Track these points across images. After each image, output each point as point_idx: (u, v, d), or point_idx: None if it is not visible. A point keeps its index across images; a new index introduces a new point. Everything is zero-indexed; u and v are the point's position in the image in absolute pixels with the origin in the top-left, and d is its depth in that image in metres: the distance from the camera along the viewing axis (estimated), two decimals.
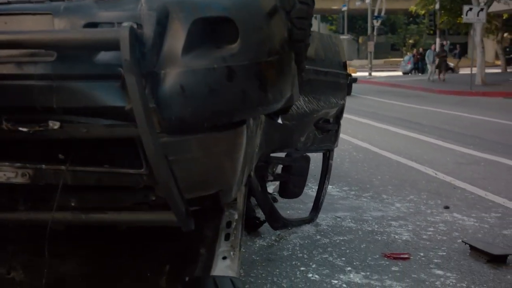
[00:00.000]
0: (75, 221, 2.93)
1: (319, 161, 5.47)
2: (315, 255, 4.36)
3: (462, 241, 4.58)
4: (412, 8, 34.82)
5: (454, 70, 36.07)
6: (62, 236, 3.61)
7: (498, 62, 39.19)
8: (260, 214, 4.77)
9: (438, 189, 6.58)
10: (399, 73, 39.18)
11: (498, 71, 34.21)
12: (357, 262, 4.22)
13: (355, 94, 21.17)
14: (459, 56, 39.83)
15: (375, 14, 40.82)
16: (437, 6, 31.77)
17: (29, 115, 2.52)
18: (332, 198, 6.13)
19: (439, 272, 4.04)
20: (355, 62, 48.15)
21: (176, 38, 2.52)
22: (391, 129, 11.97)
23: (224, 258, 3.29)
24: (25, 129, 2.52)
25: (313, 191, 5.87)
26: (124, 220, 2.99)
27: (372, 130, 11.79)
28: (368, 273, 4.01)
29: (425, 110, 16.12)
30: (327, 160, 5.27)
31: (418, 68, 38.05)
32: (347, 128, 11.76)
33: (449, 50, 36.02)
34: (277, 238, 4.74)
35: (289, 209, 5.67)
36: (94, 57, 2.53)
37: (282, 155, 4.75)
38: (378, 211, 5.64)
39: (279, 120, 3.68)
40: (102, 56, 2.54)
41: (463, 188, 6.64)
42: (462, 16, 22.85)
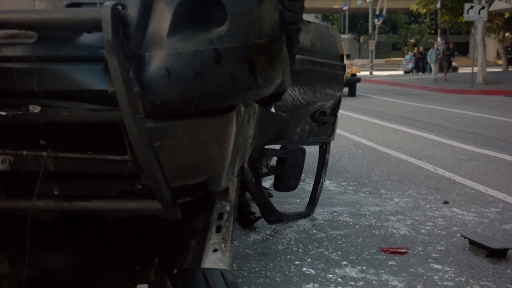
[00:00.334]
0: (57, 209, 2.84)
1: (317, 157, 5.37)
2: (310, 249, 4.26)
3: (461, 235, 4.48)
4: (413, 7, 34.71)
5: (454, 69, 35.93)
6: (49, 228, 3.53)
7: (500, 62, 39.10)
8: (256, 209, 4.67)
9: (437, 185, 6.47)
10: (400, 72, 39.10)
11: (500, 70, 34.11)
12: (353, 256, 4.12)
13: (356, 93, 21.01)
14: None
15: (376, 13, 40.71)
16: (438, 5, 31.69)
17: (9, 99, 2.43)
18: (330, 193, 6.03)
19: (438, 267, 3.94)
20: (356, 62, 47.98)
21: (162, 20, 2.43)
22: (391, 126, 11.86)
23: (215, 250, 3.21)
24: (4, 113, 2.42)
25: (310, 186, 5.78)
26: (108, 208, 2.89)
27: (372, 127, 11.68)
28: (364, 267, 3.91)
29: (425, 108, 16.01)
30: (324, 153, 5.17)
31: (418, 67, 37.94)
32: (346, 125, 11.69)
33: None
34: (272, 232, 4.64)
35: (285, 204, 5.57)
36: (76, 38, 2.44)
37: (277, 147, 4.66)
38: (376, 206, 5.54)
39: (272, 109, 3.57)
40: (85, 38, 2.45)
41: (463, 183, 6.54)
42: (463, 15, 22.73)
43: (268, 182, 6.00)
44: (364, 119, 13.22)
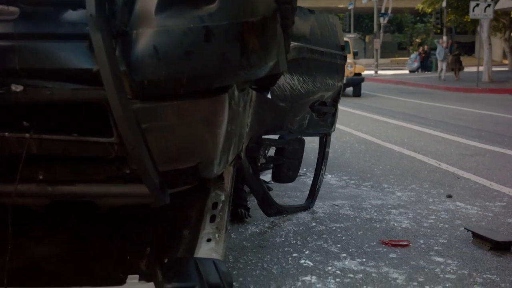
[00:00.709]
0: (41, 194, 2.74)
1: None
2: (309, 242, 4.15)
3: (465, 228, 4.36)
4: (419, 6, 34.55)
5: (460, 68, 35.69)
6: (39, 218, 3.43)
7: (506, 61, 38.84)
8: (254, 204, 4.54)
9: (441, 179, 6.35)
10: (406, 72, 38.91)
11: (506, 69, 33.89)
12: (352, 249, 4.01)
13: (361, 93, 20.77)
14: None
15: (382, 12, 40.57)
16: (444, 4, 31.51)
17: None
18: (331, 187, 5.92)
19: (440, 259, 3.83)
20: (362, 61, 47.78)
21: None
22: (395, 122, 11.73)
23: (209, 240, 3.10)
24: None
25: (310, 180, 5.64)
26: (93, 193, 2.79)
27: (376, 124, 11.56)
28: (364, 260, 3.80)
29: (430, 105, 15.86)
30: (324, 145, 5.05)
31: (424, 66, 37.75)
32: (349, 122, 11.58)
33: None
34: (270, 225, 4.53)
35: (285, 197, 5.47)
36: (60, 15, 2.34)
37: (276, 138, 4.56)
38: (378, 199, 5.43)
39: (269, 95, 3.47)
40: (69, 15, 2.36)
41: (467, 178, 6.41)
42: (469, 13, 22.56)
43: (268, 176, 5.88)
44: (367, 115, 13.09)
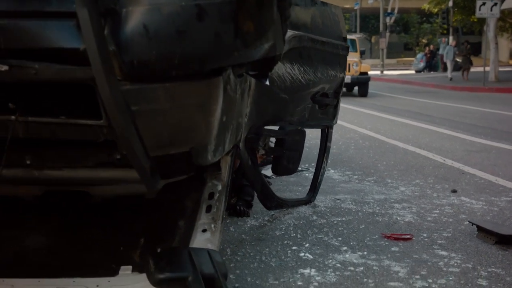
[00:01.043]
0: (27, 179, 2.65)
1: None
2: (309, 235, 4.05)
3: (469, 221, 4.25)
4: (425, 6, 34.34)
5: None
6: (31, 208, 3.35)
7: None
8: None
9: (445, 174, 6.24)
10: (412, 72, 38.69)
11: None
12: (354, 242, 3.91)
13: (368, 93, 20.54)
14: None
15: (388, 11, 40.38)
16: (450, 4, 31.32)
17: None
18: (333, 182, 5.81)
19: (443, 253, 3.73)
20: (368, 61, 47.52)
21: None
22: (400, 120, 11.61)
23: (204, 230, 3.01)
24: None
25: (312, 175, 5.55)
26: (81, 177, 2.70)
27: (380, 121, 11.43)
28: (365, 253, 3.70)
29: (436, 104, 15.72)
30: (326, 137, 4.94)
31: (430, 67, 37.52)
32: (353, 119, 11.48)
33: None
34: (270, 219, 4.44)
35: (286, 191, 5.37)
36: None
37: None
38: (381, 194, 5.32)
39: (267, 82, 3.37)
40: None
41: (472, 173, 6.30)
42: (475, 13, 22.39)
43: (269, 170, 5.78)
44: (372, 113, 12.97)
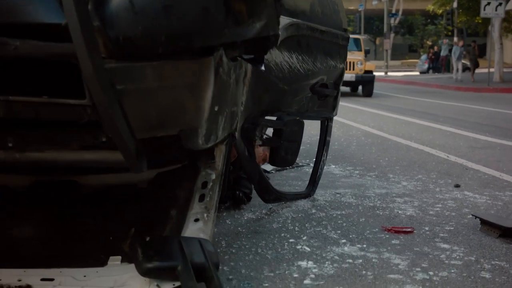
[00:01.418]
0: (8, 161, 2.54)
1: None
2: (307, 228, 3.94)
3: (472, 214, 4.13)
4: (430, 7, 34.22)
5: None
6: (21, 198, 3.26)
7: None
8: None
9: (449, 170, 6.12)
10: (416, 73, 38.55)
11: None
12: (353, 235, 3.80)
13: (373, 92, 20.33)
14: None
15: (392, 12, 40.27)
16: (455, 5, 31.18)
17: None
18: (334, 177, 5.70)
19: (445, 246, 3.61)
20: (372, 63, 47.43)
21: None
22: (404, 118, 11.48)
23: (197, 220, 2.91)
24: None
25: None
26: (64, 159, 2.60)
27: (384, 119, 11.31)
28: (364, 246, 3.59)
29: (440, 103, 15.59)
30: (326, 129, 4.82)
31: (434, 68, 37.36)
32: (356, 117, 11.37)
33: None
34: (268, 212, 4.32)
35: (285, 186, 5.26)
36: None
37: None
38: (383, 188, 5.21)
39: (263, 68, 3.26)
40: None
41: (476, 169, 6.18)
42: (480, 14, 22.25)
43: (268, 165, 5.67)
44: (375, 112, 12.84)
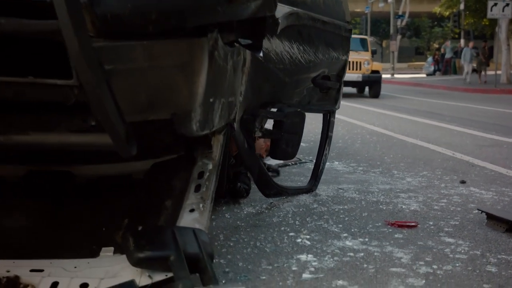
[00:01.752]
0: None
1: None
2: (308, 222, 3.84)
3: (478, 209, 4.03)
4: (436, 9, 34.10)
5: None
6: (13, 189, 3.17)
7: None
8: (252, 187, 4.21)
9: (454, 167, 6.01)
10: (423, 75, 38.40)
11: None
12: (355, 229, 3.70)
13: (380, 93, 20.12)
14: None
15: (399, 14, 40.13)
16: (462, 7, 31.04)
17: None
18: (337, 173, 5.60)
19: (450, 240, 3.50)
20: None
21: None
22: (409, 117, 11.36)
23: (192, 210, 2.81)
24: None
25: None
26: (50, 142, 2.50)
27: (389, 118, 11.20)
28: (366, 239, 3.48)
29: (446, 104, 15.47)
30: (328, 123, 4.71)
31: (439, 70, 37.19)
32: (362, 116, 11.27)
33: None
34: (268, 206, 4.22)
35: (287, 181, 5.16)
36: None
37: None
38: (386, 184, 5.10)
39: (261, 54, 3.16)
40: None
41: (482, 166, 6.06)
42: (487, 16, 22.12)
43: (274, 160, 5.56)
44: (381, 112, 12.72)
